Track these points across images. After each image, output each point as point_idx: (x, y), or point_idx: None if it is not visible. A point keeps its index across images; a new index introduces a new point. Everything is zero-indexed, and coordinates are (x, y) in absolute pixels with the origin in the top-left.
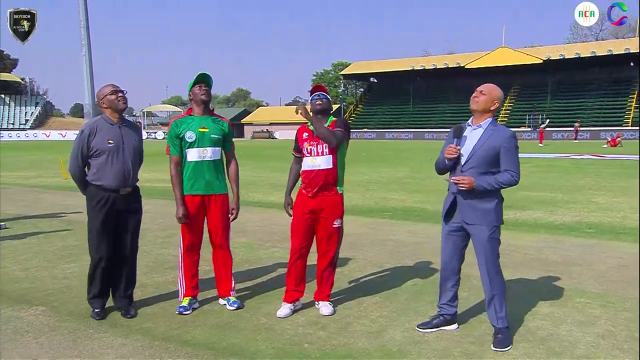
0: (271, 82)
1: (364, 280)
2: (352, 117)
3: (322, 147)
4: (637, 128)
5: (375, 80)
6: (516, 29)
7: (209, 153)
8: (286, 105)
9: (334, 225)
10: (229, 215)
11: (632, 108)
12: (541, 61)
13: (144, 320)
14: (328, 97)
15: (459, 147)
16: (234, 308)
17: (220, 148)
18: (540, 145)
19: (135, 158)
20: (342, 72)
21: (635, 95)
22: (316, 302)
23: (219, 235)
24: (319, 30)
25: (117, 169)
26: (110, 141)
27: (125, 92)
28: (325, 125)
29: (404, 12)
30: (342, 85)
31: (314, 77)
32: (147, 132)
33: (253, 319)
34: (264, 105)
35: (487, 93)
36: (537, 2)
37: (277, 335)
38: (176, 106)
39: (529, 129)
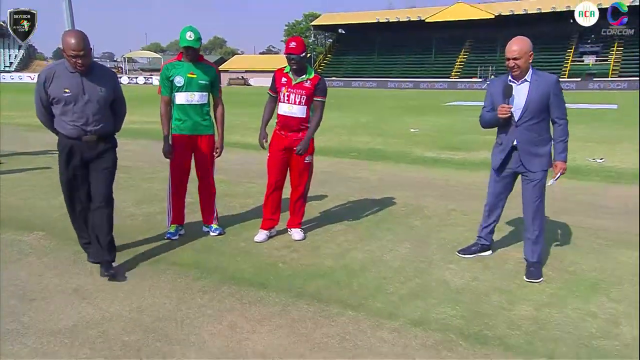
0: (246, 32)
1: (331, 211)
2: (322, 66)
3: (300, 97)
4: (577, 79)
5: (344, 32)
6: None
7: (196, 97)
8: (260, 54)
9: (306, 161)
10: (214, 153)
11: (569, 60)
12: (493, 17)
13: (135, 244)
14: (300, 55)
15: (511, 105)
16: (217, 234)
17: (207, 93)
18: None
19: (101, 108)
20: (313, 23)
21: (572, 49)
22: (289, 229)
23: (204, 171)
24: None
25: (74, 118)
26: (66, 90)
27: (82, 54)
28: (306, 78)
29: None
30: (312, 35)
31: (286, 27)
32: (128, 77)
33: (233, 243)
34: (239, 54)
35: (521, 55)
36: None
37: (255, 256)
38: (155, 52)
39: (480, 80)
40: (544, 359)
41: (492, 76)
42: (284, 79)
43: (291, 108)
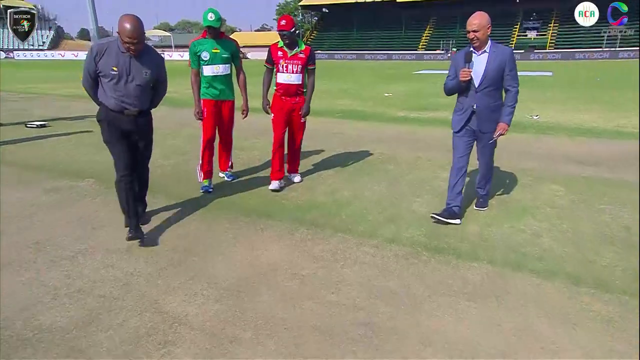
0: (243, 12)
1: (321, 160)
2: (308, 41)
3: (296, 66)
4: (521, 51)
5: (327, 11)
6: None
7: (220, 69)
8: (256, 31)
9: (302, 120)
10: (242, 114)
11: (515, 35)
12: None
13: (167, 188)
14: (291, 30)
15: (470, 70)
16: (231, 180)
17: (229, 64)
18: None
19: (143, 89)
20: (300, 4)
21: (518, 25)
22: (289, 174)
23: (226, 128)
24: None
25: (117, 95)
26: (114, 68)
27: (136, 42)
28: (299, 49)
29: None
30: (300, 14)
31: (277, 8)
32: None
33: (245, 186)
34: (237, 31)
35: (480, 28)
36: None
37: (263, 196)
38: (165, 31)
39: (442, 52)
40: (485, 262)
41: (454, 49)
42: (279, 53)
43: (290, 77)
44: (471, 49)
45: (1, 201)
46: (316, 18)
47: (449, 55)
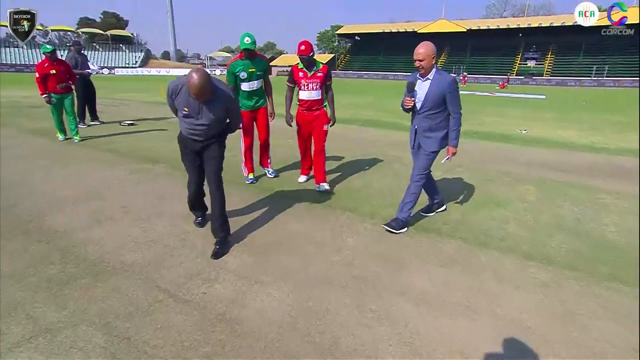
0: (290, 37)
1: (341, 157)
2: (343, 63)
3: (316, 84)
4: (522, 77)
5: (359, 38)
6: (455, 4)
7: (255, 84)
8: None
9: (324, 129)
10: (269, 117)
11: (517, 63)
12: (465, 30)
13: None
14: (309, 55)
15: (413, 98)
16: (273, 176)
17: (262, 79)
18: (463, 85)
19: (211, 126)
20: (337, 32)
21: (520, 55)
22: (317, 186)
23: (264, 132)
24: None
25: (188, 127)
26: (185, 109)
27: (202, 98)
28: (317, 69)
29: None
30: (336, 40)
31: (318, 35)
32: (210, 70)
33: (285, 183)
34: (285, 53)
35: (424, 57)
36: None
37: (296, 190)
38: (227, 53)
39: (454, 75)
40: (459, 240)
41: (465, 72)
42: (300, 73)
43: (311, 94)
44: (418, 75)
45: (100, 177)
46: (349, 44)
47: (460, 78)
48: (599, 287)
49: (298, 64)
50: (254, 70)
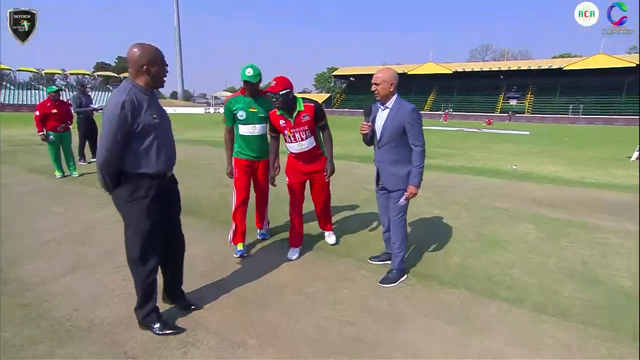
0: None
1: (338, 194)
2: (339, 101)
3: (304, 132)
4: (506, 114)
5: (353, 79)
6: (440, 49)
7: (257, 129)
8: (298, 93)
9: (326, 180)
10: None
11: (500, 102)
12: (451, 72)
13: (212, 212)
14: (280, 92)
15: (369, 124)
16: (262, 238)
17: (266, 124)
18: (444, 122)
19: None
20: (333, 74)
21: (502, 95)
22: (323, 232)
23: (262, 187)
24: (320, 43)
25: (163, 149)
26: (154, 115)
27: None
28: (297, 111)
29: (374, 36)
30: (332, 81)
31: (315, 76)
32: (214, 109)
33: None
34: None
35: (381, 82)
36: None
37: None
38: (231, 92)
39: (442, 113)
40: (464, 289)
41: (446, 110)
42: (282, 122)
43: (301, 145)
44: (378, 104)
45: (92, 217)
46: (345, 84)
47: (444, 115)
48: (626, 347)
49: (277, 110)
50: (255, 110)
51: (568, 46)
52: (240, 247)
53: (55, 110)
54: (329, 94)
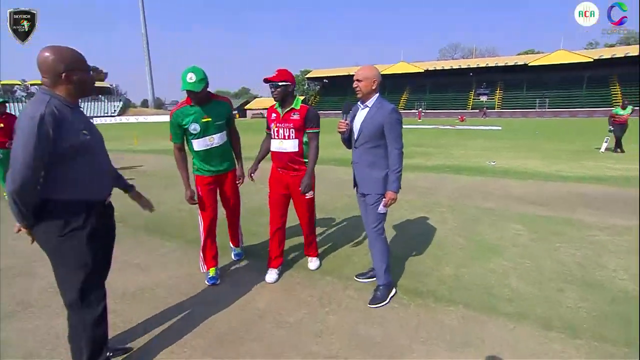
0: (262, 82)
1: (320, 201)
2: (313, 104)
3: (289, 131)
4: (477, 110)
5: (327, 81)
6: (412, 49)
7: (215, 139)
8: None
9: (307, 197)
10: (237, 180)
11: (471, 99)
12: (423, 71)
13: (181, 230)
14: (279, 83)
15: (347, 122)
16: (237, 259)
17: (225, 131)
18: (419, 120)
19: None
20: (307, 76)
21: (472, 92)
22: (307, 257)
23: (232, 203)
24: (292, 46)
25: (101, 171)
26: (84, 132)
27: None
28: (290, 108)
29: (345, 38)
30: (306, 84)
31: None
32: None
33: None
34: (259, 97)
35: (363, 79)
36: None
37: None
38: None
39: (415, 111)
40: (461, 306)
41: (419, 108)
42: (273, 115)
43: (281, 143)
44: (359, 102)
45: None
46: (319, 86)
47: (417, 112)
48: None
49: (275, 103)
50: (210, 119)
51: (531, 43)
52: (212, 272)
53: (2, 125)
54: (303, 97)
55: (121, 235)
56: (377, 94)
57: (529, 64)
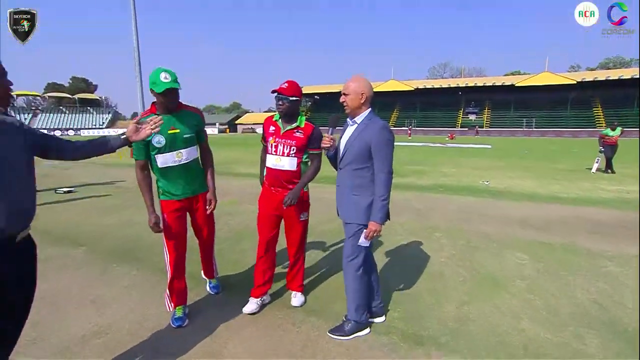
0: (254, 97)
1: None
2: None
3: (289, 147)
4: (467, 129)
5: (318, 97)
6: (402, 67)
7: (184, 155)
8: (264, 112)
9: (301, 219)
10: (207, 206)
11: (460, 117)
12: (413, 89)
13: (150, 254)
14: (290, 97)
15: (332, 137)
16: (214, 292)
17: (195, 146)
18: (409, 137)
19: (26, 177)
20: None
21: (461, 110)
22: (291, 291)
23: (205, 232)
24: (286, 63)
25: (8, 198)
26: None
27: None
28: (296, 126)
29: (336, 55)
30: None
31: None
32: None
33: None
34: (250, 112)
35: (350, 92)
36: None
37: (242, 295)
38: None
39: (406, 128)
40: (467, 355)
41: (409, 126)
42: (272, 128)
43: (279, 160)
44: (348, 118)
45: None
46: (310, 102)
47: (408, 130)
48: None
49: (274, 114)
50: (177, 131)
51: (517, 64)
52: (179, 312)
53: None
54: (299, 101)
55: (81, 263)
56: (369, 110)
57: (516, 84)
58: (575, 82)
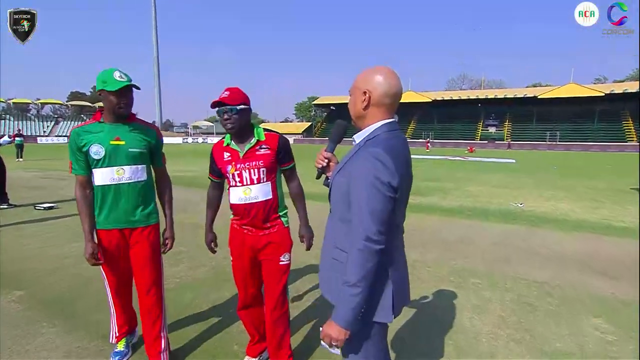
0: (270, 108)
1: (295, 260)
2: (319, 130)
3: (257, 171)
4: (485, 142)
5: (334, 108)
6: (419, 78)
7: (126, 173)
8: (280, 122)
9: (282, 263)
10: (162, 248)
11: (479, 130)
12: (430, 100)
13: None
14: (237, 106)
15: (329, 154)
16: None
17: (144, 165)
18: (427, 150)
19: None
20: (314, 102)
21: (481, 122)
22: None
23: (146, 279)
24: (301, 75)
25: None
26: None
27: None
28: (255, 140)
29: (352, 65)
30: (313, 110)
31: (296, 105)
32: (192, 138)
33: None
34: (266, 121)
35: (352, 89)
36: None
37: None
38: (211, 122)
39: (424, 140)
40: None
41: (428, 138)
42: (226, 154)
43: (249, 191)
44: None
45: None
46: (325, 113)
47: (426, 142)
48: None
49: (224, 138)
50: (122, 142)
51: (538, 76)
52: (121, 346)
53: None
54: (309, 123)
55: (5, 317)
56: (381, 122)
57: (539, 97)
58: (603, 94)
